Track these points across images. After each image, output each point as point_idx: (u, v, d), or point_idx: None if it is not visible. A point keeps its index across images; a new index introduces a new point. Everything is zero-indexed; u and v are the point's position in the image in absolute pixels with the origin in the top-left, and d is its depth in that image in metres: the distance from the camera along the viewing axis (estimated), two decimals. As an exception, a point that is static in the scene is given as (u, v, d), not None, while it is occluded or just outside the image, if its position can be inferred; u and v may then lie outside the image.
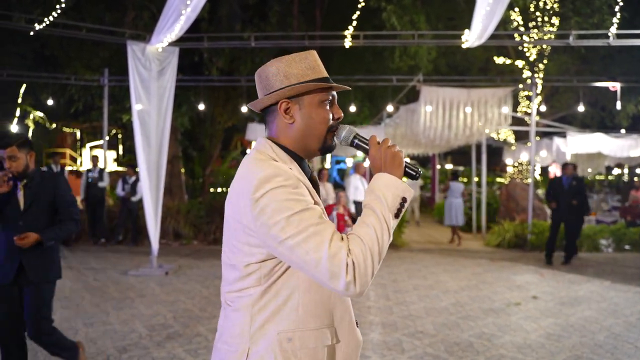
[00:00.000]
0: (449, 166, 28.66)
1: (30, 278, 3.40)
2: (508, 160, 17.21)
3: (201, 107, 11.56)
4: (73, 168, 18.01)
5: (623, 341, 5.05)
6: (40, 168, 3.67)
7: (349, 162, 21.48)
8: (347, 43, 8.88)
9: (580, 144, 12.23)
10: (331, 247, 1.32)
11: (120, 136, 20.80)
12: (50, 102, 11.88)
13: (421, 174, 1.55)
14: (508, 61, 15.60)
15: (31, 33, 8.54)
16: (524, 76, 14.27)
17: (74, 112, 14.04)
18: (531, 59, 14.75)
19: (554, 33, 11.48)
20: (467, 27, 8.33)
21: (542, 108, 13.49)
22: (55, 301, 6.17)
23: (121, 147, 21.35)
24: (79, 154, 20.53)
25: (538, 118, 13.70)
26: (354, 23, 9.05)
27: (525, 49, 14.52)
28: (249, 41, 9.42)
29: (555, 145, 13.26)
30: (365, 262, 1.32)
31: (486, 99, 10.95)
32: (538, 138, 15.00)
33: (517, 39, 11.37)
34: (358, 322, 1.61)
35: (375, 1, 12.40)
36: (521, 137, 16.10)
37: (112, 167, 18.52)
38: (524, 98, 15.29)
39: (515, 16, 14.19)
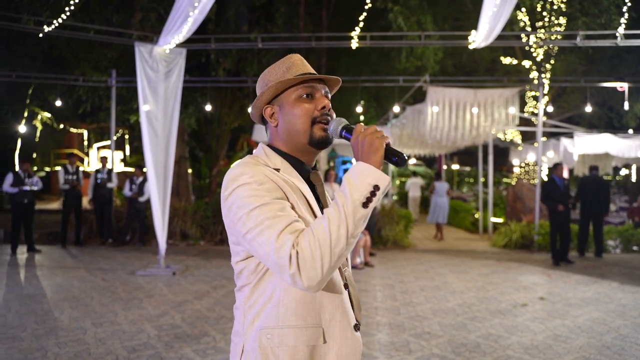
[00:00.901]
0: (456, 167, 28.61)
1: None
2: (515, 160, 17.16)
3: (208, 108, 11.60)
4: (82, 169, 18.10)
5: (631, 342, 5.04)
6: None
7: (355, 162, 21.54)
8: (354, 44, 8.89)
9: (587, 145, 12.18)
10: (278, 240, 1.31)
11: (127, 137, 20.93)
12: (58, 103, 11.96)
13: (407, 159, 1.44)
14: (515, 62, 15.58)
15: (40, 35, 8.61)
16: (531, 76, 14.23)
17: (82, 113, 14.14)
18: (538, 60, 14.71)
19: (561, 33, 11.44)
20: (474, 28, 8.33)
21: (549, 108, 13.44)
22: (63, 301, 6.25)
23: (128, 148, 21.46)
24: (86, 155, 20.65)
25: (545, 118, 13.66)
26: (361, 24, 9.06)
27: (532, 50, 14.48)
28: (256, 42, 9.46)
29: (562, 145, 13.21)
30: (312, 254, 1.28)
31: (493, 100, 10.94)
32: (545, 138, 14.96)
33: (524, 40, 11.34)
34: (359, 325, 1.57)
35: (381, 2, 12.40)
36: (528, 138, 16.07)
37: (119, 168, 18.63)
38: (531, 98, 15.26)
39: (522, 16, 14.16)
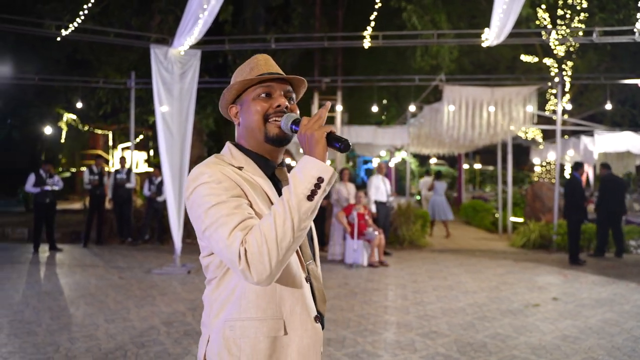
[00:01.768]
0: (478, 166, 28.33)
1: None
2: (535, 159, 16.93)
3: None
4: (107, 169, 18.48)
5: (642, 344, 4.96)
6: None
7: (375, 162, 21.55)
8: (366, 43, 8.91)
9: (608, 143, 11.96)
10: (230, 237, 1.35)
11: (149, 137, 21.25)
12: (79, 105, 12.27)
13: (350, 145, 1.41)
14: (535, 59, 15.35)
15: (58, 39, 8.84)
16: (552, 74, 14.02)
17: (103, 114, 14.45)
18: (558, 57, 14.48)
19: (579, 30, 11.25)
20: (489, 26, 8.27)
21: (568, 106, 13.23)
22: (79, 298, 6.42)
23: (152, 149, 21.79)
24: (111, 155, 21.06)
25: (566, 116, 13.44)
26: (372, 24, 9.06)
27: (552, 47, 14.27)
28: (270, 43, 9.54)
29: (582, 144, 12.99)
30: (259, 250, 1.31)
31: (510, 98, 10.84)
32: (566, 137, 14.72)
33: (544, 37, 11.19)
34: (320, 317, 1.60)
35: (395, 1, 12.36)
36: (549, 136, 15.81)
37: (143, 168, 18.96)
38: (552, 96, 15.03)
39: (541, 13, 13.95)
